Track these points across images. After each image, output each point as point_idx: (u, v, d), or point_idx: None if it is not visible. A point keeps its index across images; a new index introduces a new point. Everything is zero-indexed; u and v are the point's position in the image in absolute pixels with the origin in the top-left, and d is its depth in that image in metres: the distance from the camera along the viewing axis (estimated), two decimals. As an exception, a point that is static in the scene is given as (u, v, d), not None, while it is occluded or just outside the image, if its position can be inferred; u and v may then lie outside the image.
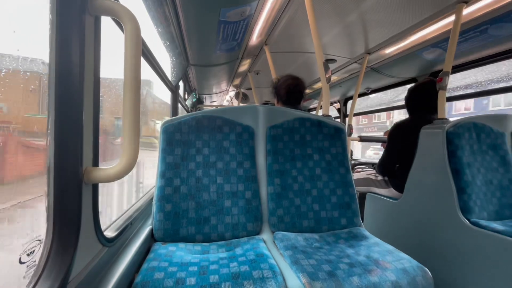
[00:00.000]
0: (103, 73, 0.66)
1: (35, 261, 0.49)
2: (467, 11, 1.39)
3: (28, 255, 0.47)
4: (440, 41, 1.73)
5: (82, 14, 0.56)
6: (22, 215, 0.60)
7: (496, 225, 1.11)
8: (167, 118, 1.13)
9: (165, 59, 2.01)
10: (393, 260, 0.83)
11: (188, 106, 3.74)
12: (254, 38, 2.00)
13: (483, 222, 1.15)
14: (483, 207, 1.23)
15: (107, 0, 0.60)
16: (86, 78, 0.58)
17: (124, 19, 0.59)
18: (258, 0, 1.40)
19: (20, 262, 0.45)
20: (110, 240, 0.73)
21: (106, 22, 0.69)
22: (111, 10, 0.60)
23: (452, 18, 1.46)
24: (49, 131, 0.53)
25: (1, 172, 0.60)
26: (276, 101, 1.74)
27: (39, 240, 0.51)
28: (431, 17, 1.50)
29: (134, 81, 0.61)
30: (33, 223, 0.59)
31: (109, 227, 0.84)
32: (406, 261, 0.83)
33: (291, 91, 1.62)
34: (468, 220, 1.20)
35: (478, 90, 1.97)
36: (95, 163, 0.64)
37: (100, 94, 0.66)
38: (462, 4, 1.33)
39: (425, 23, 1.57)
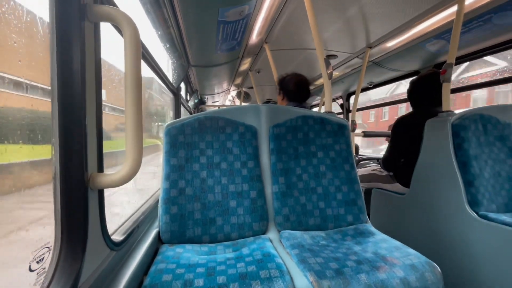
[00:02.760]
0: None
1: (44, 268, 0.50)
2: (469, 0, 1.36)
3: (37, 262, 0.48)
4: (443, 32, 1.70)
5: (82, 21, 0.57)
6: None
7: (506, 218, 1.09)
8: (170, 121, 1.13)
9: (166, 62, 2.02)
10: (401, 256, 0.82)
11: (191, 107, 3.75)
12: (254, 37, 1.99)
13: (492, 215, 1.14)
14: (491, 200, 1.21)
15: (106, 6, 0.60)
16: (88, 84, 0.59)
17: (123, 25, 0.60)
18: None
19: (30, 270, 0.46)
20: (118, 244, 0.74)
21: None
22: (109, 16, 0.60)
23: (454, 8, 1.43)
24: (53, 138, 0.53)
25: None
26: (282, 98, 1.72)
27: (48, 248, 0.51)
28: (433, 8, 1.48)
29: (135, 86, 0.61)
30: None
31: (116, 231, 0.85)
32: (414, 256, 0.82)
33: (302, 87, 1.65)
34: (477, 213, 1.18)
35: (482, 81, 1.93)
36: (100, 168, 0.64)
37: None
38: None
39: (427, 15, 1.55)
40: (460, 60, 1.96)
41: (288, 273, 0.77)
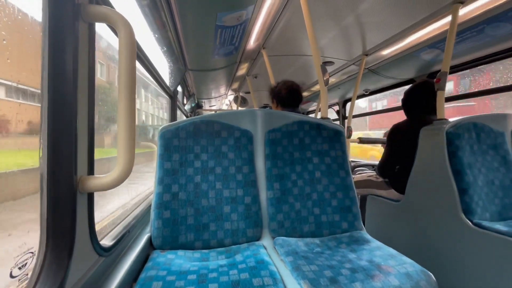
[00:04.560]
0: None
1: (27, 275, 0.47)
2: (463, 11, 1.39)
3: (19, 268, 0.46)
4: (437, 42, 1.73)
5: (76, 21, 0.56)
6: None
7: (499, 226, 1.09)
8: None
9: (163, 65, 2.01)
10: (396, 265, 0.81)
11: (187, 111, 3.74)
12: (252, 42, 2.00)
13: (486, 223, 1.14)
14: (485, 208, 1.22)
15: (101, 6, 0.59)
16: (80, 84, 0.57)
17: (118, 25, 0.59)
18: (255, 4, 1.41)
19: (11, 276, 0.44)
20: (107, 250, 0.72)
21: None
22: (104, 17, 0.59)
23: (448, 18, 1.46)
24: (41, 140, 0.52)
25: None
26: (275, 105, 1.76)
27: (32, 253, 0.49)
28: (428, 18, 1.50)
29: (129, 87, 0.60)
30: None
31: (106, 236, 0.83)
32: (409, 265, 0.81)
33: (293, 92, 1.68)
34: (471, 221, 1.18)
35: (476, 90, 1.97)
36: (91, 171, 0.62)
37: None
38: (458, 4, 1.33)
39: (421, 24, 1.57)
40: (454, 69, 2.00)
41: (282, 281, 0.75)
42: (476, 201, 1.21)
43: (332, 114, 4.01)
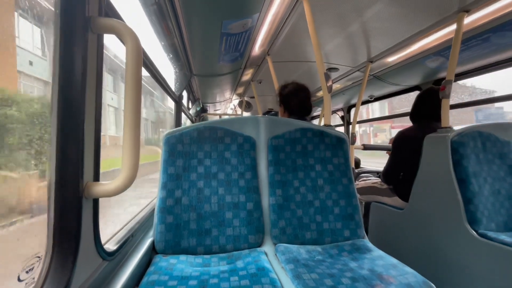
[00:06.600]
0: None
1: (34, 278, 0.49)
2: (468, 19, 1.39)
3: (27, 272, 0.48)
4: (442, 50, 1.72)
5: (85, 32, 0.58)
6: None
7: (505, 237, 1.07)
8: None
9: (169, 71, 2.05)
10: (398, 275, 0.81)
11: (192, 115, 3.78)
12: (257, 49, 2.02)
13: (491, 234, 1.12)
14: (491, 218, 1.20)
15: (109, 19, 0.62)
16: (88, 93, 0.60)
17: (125, 37, 0.61)
18: (260, 12, 1.43)
19: (19, 280, 0.46)
20: (111, 254, 0.73)
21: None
22: (113, 29, 0.62)
23: (453, 27, 1.46)
24: (50, 146, 0.54)
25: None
26: (283, 111, 1.65)
27: (39, 257, 0.51)
28: (433, 26, 1.51)
29: (135, 96, 0.62)
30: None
31: (110, 240, 0.84)
32: (411, 275, 0.81)
33: (304, 104, 1.59)
34: (476, 231, 1.17)
35: (481, 98, 1.95)
36: (96, 177, 0.64)
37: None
38: (463, 13, 1.33)
39: (427, 32, 1.57)
40: (459, 77, 1.98)
41: None
42: (481, 211, 1.19)
43: (337, 120, 4.00)
